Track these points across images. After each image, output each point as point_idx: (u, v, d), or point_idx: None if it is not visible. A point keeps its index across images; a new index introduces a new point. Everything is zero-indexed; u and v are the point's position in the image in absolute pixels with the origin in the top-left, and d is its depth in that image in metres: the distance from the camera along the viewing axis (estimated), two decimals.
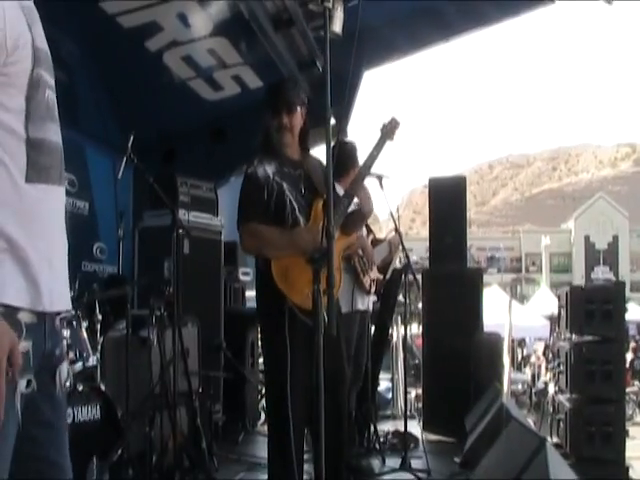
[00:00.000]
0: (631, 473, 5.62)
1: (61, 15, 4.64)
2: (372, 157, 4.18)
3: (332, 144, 3.16)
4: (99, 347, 4.70)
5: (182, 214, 5.93)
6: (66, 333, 4.07)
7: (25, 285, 1.70)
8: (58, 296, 1.82)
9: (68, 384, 1.99)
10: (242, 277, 7.84)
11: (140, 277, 6.30)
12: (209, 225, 6.73)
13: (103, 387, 4.51)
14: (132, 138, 4.63)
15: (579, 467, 4.88)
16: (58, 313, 1.86)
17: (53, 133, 1.82)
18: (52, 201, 1.82)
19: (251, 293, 8.99)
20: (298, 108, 3.99)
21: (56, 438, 1.87)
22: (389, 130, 4.23)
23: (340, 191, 4.33)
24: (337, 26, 5.73)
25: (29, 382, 1.71)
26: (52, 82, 1.84)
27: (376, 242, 5.91)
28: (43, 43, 1.81)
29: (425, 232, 8.09)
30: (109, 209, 7.18)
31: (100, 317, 4.74)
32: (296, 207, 3.86)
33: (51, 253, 1.80)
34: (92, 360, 4.38)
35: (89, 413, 4.27)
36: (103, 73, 6.17)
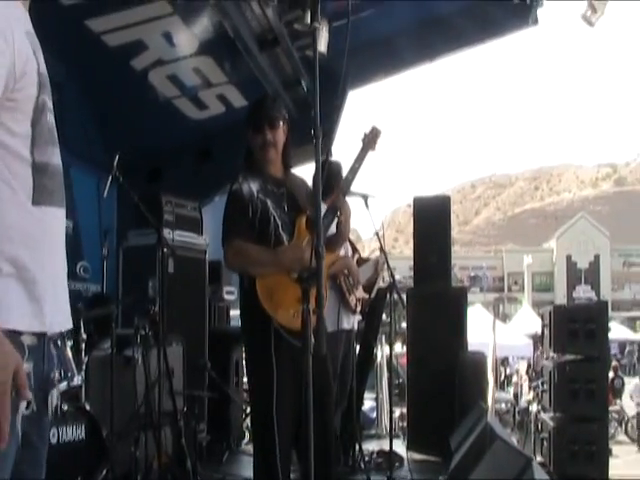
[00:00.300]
0: None
1: (46, 33, 4.63)
2: (354, 169, 4.19)
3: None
4: (84, 366, 4.68)
5: (167, 233, 5.94)
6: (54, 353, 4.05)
7: (30, 308, 1.72)
8: (60, 317, 1.84)
9: (55, 409, 1.97)
10: (226, 296, 7.81)
11: (124, 296, 6.26)
12: (193, 244, 6.72)
13: (88, 407, 4.48)
14: (118, 157, 4.64)
15: None
16: (56, 337, 1.87)
17: (55, 156, 1.84)
18: (56, 223, 1.85)
19: (235, 312, 8.95)
20: (280, 123, 3.97)
21: (36, 466, 1.86)
22: (370, 140, 4.22)
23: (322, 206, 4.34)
24: (322, 46, 5.80)
25: (28, 404, 1.71)
26: (51, 106, 1.86)
27: (361, 261, 5.92)
28: (45, 69, 1.83)
29: (408, 251, 8.13)
30: (93, 228, 7.12)
31: (85, 336, 4.71)
32: (279, 224, 3.83)
33: (55, 274, 1.83)
34: (77, 380, 4.33)
35: (74, 433, 4.24)
36: (88, 92, 6.16)
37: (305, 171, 4.37)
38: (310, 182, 4.52)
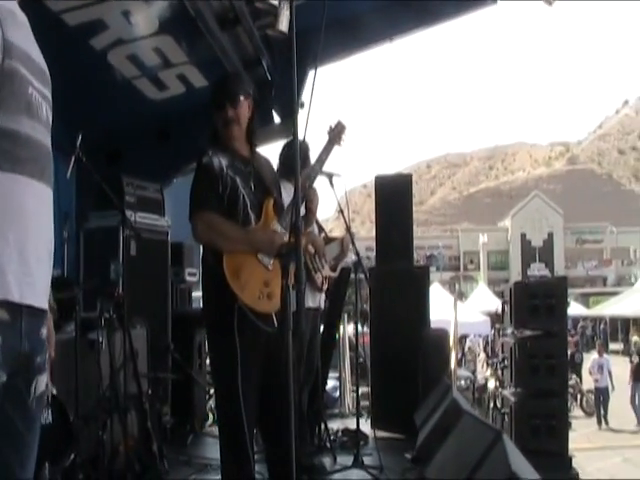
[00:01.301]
0: (574, 464, 5.74)
1: None
2: (320, 161, 4.22)
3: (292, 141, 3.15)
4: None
5: (129, 215, 5.87)
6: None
7: None
8: (31, 291, 1.79)
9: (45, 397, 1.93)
10: (188, 278, 7.79)
11: (86, 279, 6.20)
12: (156, 226, 6.69)
13: (54, 391, 4.44)
14: (80, 137, 4.57)
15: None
16: (41, 317, 1.84)
17: (32, 129, 1.81)
18: (29, 194, 1.80)
19: (197, 294, 8.96)
20: (241, 99, 3.91)
21: (23, 452, 1.83)
22: (336, 134, 4.27)
23: (290, 190, 4.34)
24: (283, 25, 5.76)
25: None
26: (37, 84, 1.86)
27: (328, 240, 5.92)
28: (20, 41, 1.81)
29: (364, 232, 8.16)
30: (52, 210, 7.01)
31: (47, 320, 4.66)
32: (248, 204, 3.79)
33: (23, 246, 1.77)
34: None
35: (41, 417, 4.20)
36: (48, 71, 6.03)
37: (267, 152, 4.34)
38: (275, 162, 4.51)
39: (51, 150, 1.95)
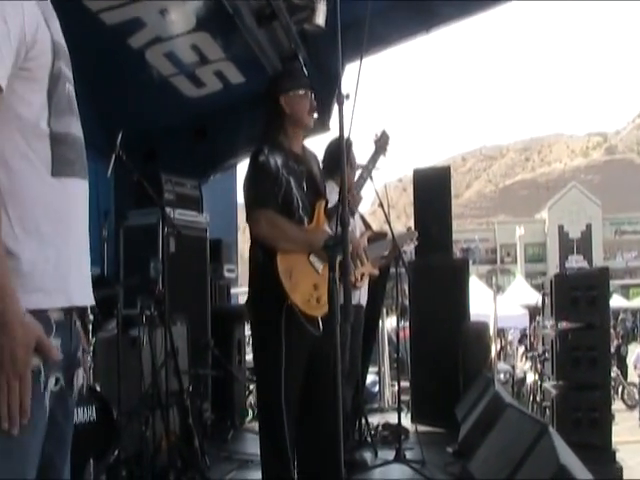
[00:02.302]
0: (617, 457, 5.67)
1: None
2: (368, 170, 4.21)
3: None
4: (91, 348, 4.67)
5: (168, 212, 5.90)
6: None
7: (55, 284, 1.69)
8: (85, 291, 1.81)
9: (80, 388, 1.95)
10: (227, 274, 7.81)
11: (126, 277, 6.25)
12: (194, 222, 6.69)
13: (98, 388, 4.49)
14: (120, 136, 4.59)
15: None
16: (82, 313, 1.85)
17: (74, 127, 1.81)
18: (78, 194, 1.81)
19: (236, 290, 9.00)
20: (300, 92, 3.84)
21: (63, 445, 1.83)
22: (382, 144, 4.26)
23: (335, 188, 4.33)
24: (320, 19, 5.76)
25: (57, 380, 1.69)
26: (71, 76, 1.83)
27: (375, 238, 5.78)
28: (61, 38, 1.80)
29: (400, 226, 8.10)
30: (91, 209, 7.04)
31: (92, 317, 4.69)
32: (301, 205, 3.78)
33: (79, 247, 1.79)
34: (88, 360, 4.33)
35: (85, 414, 4.24)
36: (85, 71, 6.05)
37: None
38: (320, 157, 4.45)
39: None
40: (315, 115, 3.92)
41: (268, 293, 3.66)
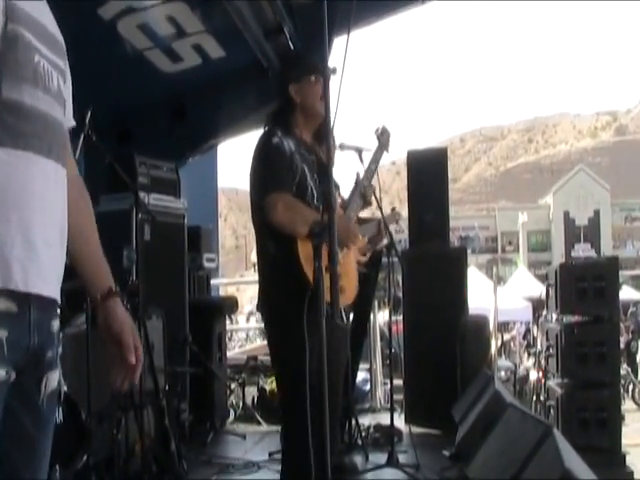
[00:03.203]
0: (627, 461, 5.68)
1: None
2: (371, 170, 4.21)
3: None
4: None
5: (142, 197, 5.85)
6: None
7: None
8: (39, 278, 1.74)
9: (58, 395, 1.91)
10: (207, 264, 7.77)
11: None
12: (171, 208, 6.65)
13: (65, 388, 4.45)
14: (90, 114, 4.55)
15: None
16: (52, 307, 1.81)
17: (39, 101, 1.76)
18: (34, 172, 1.74)
19: (216, 281, 8.97)
20: (312, 79, 3.88)
21: (33, 456, 1.80)
22: (386, 140, 4.26)
23: None
24: None
25: (7, 373, 1.65)
26: (51, 55, 1.82)
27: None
28: (32, 10, 1.78)
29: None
30: None
31: (58, 311, 4.65)
32: (316, 195, 3.80)
33: (28, 228, 1.71)
34: None
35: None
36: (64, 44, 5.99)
37: None
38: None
39: (64, 124, 1.92)
40: None
41: (287, 284, 3.67)
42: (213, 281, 8.46)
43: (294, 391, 3.76)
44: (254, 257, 4.25)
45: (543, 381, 7.37)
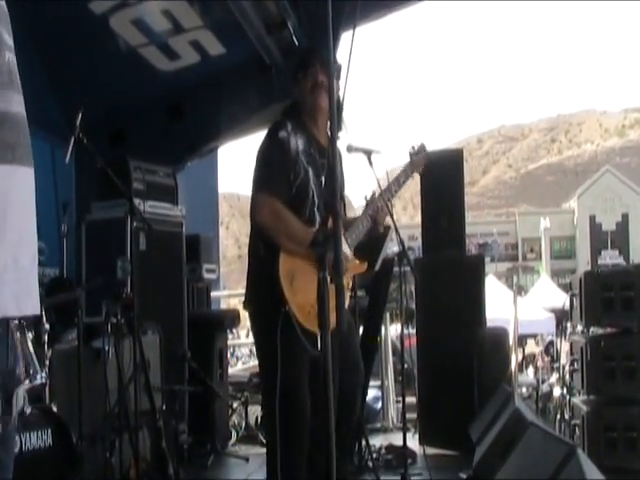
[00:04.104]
0: None
1: None
2: (391, 191, 4.16)
3: None
4: (47, 362, 4.64)
5: (137, 204, 5.86)
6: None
7: None
8: (28, 299, 1.75)
9: (23, 411, 1.92)
10: (206, 275, 7.78)
11: (90, 279, 6.21)
12: (168, 216, 6.68)
13: (54, 408, 4.46)
14: (80, 115, 4.56)
15: None
16: (31, 323, 1.82)
17: (16, 104, 1.76)
18: (20, 186, 1.74)
19: (216, 293, 8.97)
20: (319, 79, 3.87)
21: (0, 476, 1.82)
22: (417, 162, 4.23)
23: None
24: None
25: None
26: (11, 43, 1.78)
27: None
28: None
29: (407, 218, 8.07)
30: (48, 202, 6.95)
31: (47, 327, 4.67)
32: (316, 202, 3.80)
33: (18, 249, 1.73)
34: (40, 377, 4.30)
35: (39, 439, 4.21)
36: (39, 40, 6.01)
37: None
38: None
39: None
40: None
41: (266, 293, 3.70)
42: (213, 293, 8.46)
43: (266, 401, 3.85)
44: None
45: (567, 398, 7.34)
